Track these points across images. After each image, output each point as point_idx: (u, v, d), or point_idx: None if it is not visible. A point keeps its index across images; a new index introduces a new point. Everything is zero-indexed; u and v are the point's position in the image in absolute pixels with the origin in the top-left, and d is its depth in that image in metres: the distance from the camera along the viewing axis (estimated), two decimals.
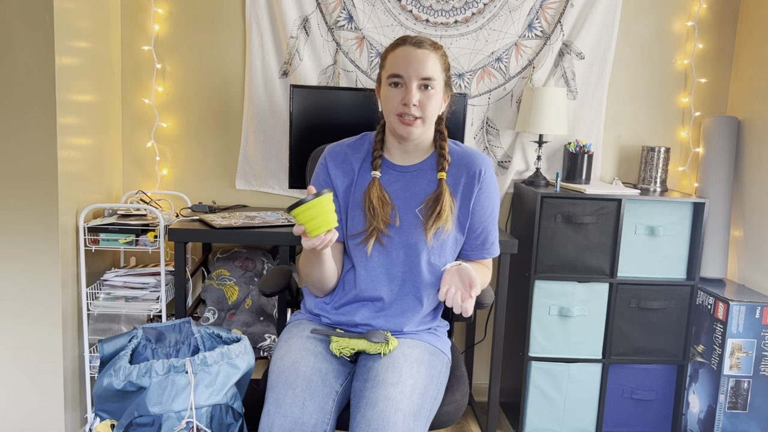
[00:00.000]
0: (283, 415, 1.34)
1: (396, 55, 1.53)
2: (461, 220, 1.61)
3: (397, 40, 1.57)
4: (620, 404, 2.50)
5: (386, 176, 1.62)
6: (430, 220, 1.56)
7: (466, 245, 1.64)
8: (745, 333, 2.32)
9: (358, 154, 1.64)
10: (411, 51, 1.52)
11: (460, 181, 1.61)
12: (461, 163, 1.62)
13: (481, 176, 1.60)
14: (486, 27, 2.58)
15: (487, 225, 1.63)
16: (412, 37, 1.55)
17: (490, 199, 1.62)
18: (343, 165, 1.63)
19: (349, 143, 1.66)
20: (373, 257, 1.58)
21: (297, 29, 2.52)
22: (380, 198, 1.57)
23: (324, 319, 1.63)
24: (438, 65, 1.54)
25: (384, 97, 1.56)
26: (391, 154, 1.63)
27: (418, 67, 1.50)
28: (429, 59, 1.52)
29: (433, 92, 1.53)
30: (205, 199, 2.65)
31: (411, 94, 1.51)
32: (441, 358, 1.58)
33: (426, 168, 1.62)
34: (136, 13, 2.52)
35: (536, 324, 2.42)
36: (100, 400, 1.58)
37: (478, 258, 1.66)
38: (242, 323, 2.42)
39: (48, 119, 2.04)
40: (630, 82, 2.69)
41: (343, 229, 1.62)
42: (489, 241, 1.65)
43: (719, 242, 2.56)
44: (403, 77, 1.51)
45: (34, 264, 2.10)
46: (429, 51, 1.53)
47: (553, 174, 2.70)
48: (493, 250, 1.67)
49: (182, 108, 2.59)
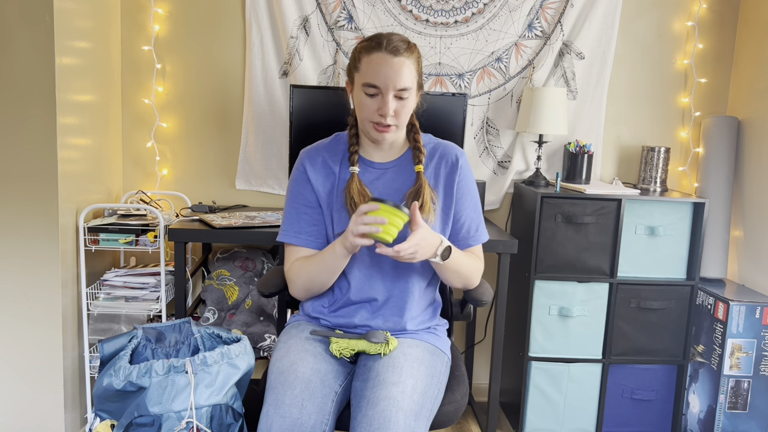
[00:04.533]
0: (282, 416, 1.34)
1: (372, 62, 1.50)
2: (446, 209, 1.62)
3: (373, 42, 1.52)
4: (620, 404, 2.50)
5: (367, 174, 1.61)
6: None
7: (451, 235, 1.64)
8: (745, 333, 2.32)
9: (335, 156, 1.63)
10: (388, 60, 1.49)
11: (440, 171, 1.62)
12: (436, 153, 1.63)
13: (459, 165, 1.62)
14: (486, 27, 2.58)
15: (470, 212, 1.64)
16: (387, 39, 1.50)
17: (468, 186, 1.63)
18: (323, 169, 1.62)
19: (325, 145, 1.66)
20: (362, 254, 1.58)
21: (297, 29, 2.52)
22: (360, 192, 1.57)
23: (323, 321, 1.63)
24: (413, 70, 1.52)
25: (358, 102, 1.54)
26: (367, 152, 1.64)
27: (396, 79, 1.49)
28: (405, 68, 1.49)
29: (408, 99, 1.52)
30: (205, 199, 2.65)
31: (387, 106, 1.50)
32: (441, 358, 1.58)
33: (404, 163, 1.63)
34: (136, 13, 2.52)
35: (536, 324, 2.42)
36: (100, 400, 1.58)
37: (464, 246, 1.65)
38: (242, 323, 2.42)
39: (48, 119, 2.04)
40: (630, 82, 2.69)
41: (330, 232, 1.62)
42: (473, 228, 1.64)
43: (719, 242, 2.56)
44: (380, 88, 1.50)
45: (34, 264, 2.10)
46: (405, 58, 1.50)
47: (553, 174, 2.70)
48: (480, 236, 1.66)
49: (182, 108, 2.59)
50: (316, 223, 1.62)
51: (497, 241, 2.20)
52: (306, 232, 1.61)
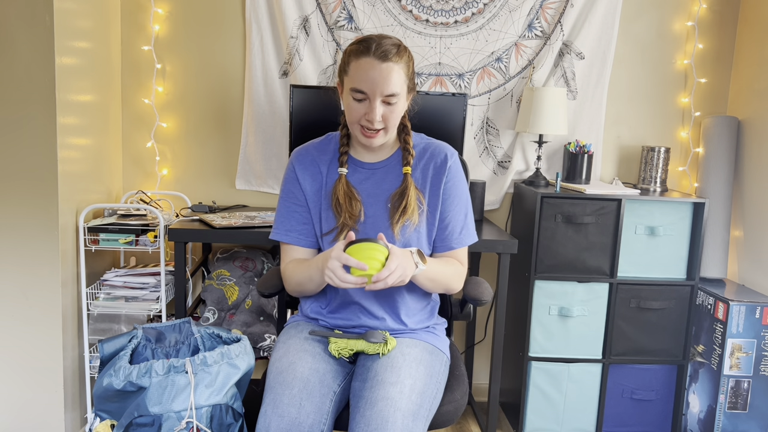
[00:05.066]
0: (280, 416, 1.34)
1: (359, 67, 1.48)
2: (433, 210, 1.61)
3: (361, 46, 1.50)
4: (620, 404, 2.50)
5: (356, 174, 1.62)
6: (396, 215, 1.56)
7: (435, 236, 1.63)
8: (745, 333, 2.32)
9: (324, 156, 1.64)
10: (375, 65, 1.47)
11: (429, 171, 1.61)
12: (426, 153, 1.63)
13: (447, 165, 1.61)
14: (486, 27, 2.58)
15: (455, 214, 1.62)
16: (377, 44, 1.48)
17: (455, 188, 1.62)
18: (311, 168, 1.63)
19: (315, 145, 1.66)
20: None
21: (297, 29, 2.52)
22: (346, 194, 1.57)
23: (321, 321, 1.63)
24: (402, 75, 1.51)
25: (347, 105, 1.54)
26: (358, 152, 1.64)
27: (383, 85, 1.47)
28: (393, 73, 1.48)
29: (396, 104, 1.52)
30: (205, 199, 2.65)
31: (374, 111, 1.49)
32: (440, 357, 1.58)
33: (394, 164, 1.62)
34: (136, 13, 2.52)
35: (536, 324, 2.42)
36: (100, 400, 1.58)
37: (445, 248, 1.63)
38: (242, 323, 2.42)
39: (48, 119, 2.04)
40: (630, 82, 2.69)
41: (318, 232, 1.62)
42: (457, 230, 1.62)
43: (719, 242, 2.56)
44: (367, 93, 1.49)
45: (34, 264, 2.10)
46: (393, 63, 1.48)
47: (553, 174, 2.70)
48: (463, 239, 1.63)
49: (182, 108, 2.59)
50: (306, 222, 1.62)
51: (497, 241, 2.20)
52: (297, 230, 1.62)
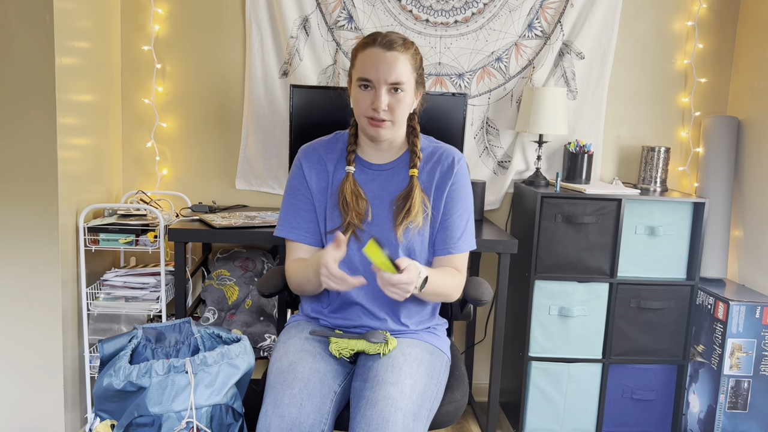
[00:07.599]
0: (281, 415, 1.34)
1: (365, 57, 1.51)
2: (436, 213, 1.61)
3: (367, 39, 1.53)
4: (620, 404, 2.50)
5: (363, 175, 1.61)
6: (400, 216, 1.56)
7: (434, 239, 1.62)
8: (745, 333, 2.32)
9: (332, 154, 1.64)
10: (380, 54, 1.49)
11: (434, 176, 1.61)
12: (434, 156, 1.62)
13: (454, 171, 1.60)
14: (486, 27, 2.58)
15: (456, 219, 1.61)
16: (382, 36, 1.52)
17: (460, 192, 1.61)
18: (318, 166, 1.63)
19: (323, 143, 1.66)
20: (351, 253, 1.57)
21: (297, 29, 2.52)
22: (354, 192, 1.57)
23: (322, 321, 1.63)
24: (408, 66, 1.52)
25: (354, 98, 1.55)
26: (365, 153, 1.63)
27: (387, 72, 1.49)
28: (398, 62, 1.50)
29: (402, 95, 1.52)
30: (205, 199, 2.65)
31: (380, 99, 1.50)
32: (440, 358, 1.58)
33: (401, 165, 1.62)
34: (136, 13, 2.52)
35: (536, 324, 2.42)
36: (100, 400, 1.58)
37: (443, 252, 1.61)
38: (242, 323, 2.42)
39: (48, 119, 2.04)
40: (630, 82, 2.69)
41: (322, 230, 1.62)
42: (456, 235, 1.61)
43: (719, 242, 2.56)
44: (372, 81, 1.50)
45: (34, 264, 2.10)
46: (399, 53, 1.50)
47: (553, 174, 2.70)
48: (461, 246, 1.61)
49: (182, 108, 2.59)
50: (312, 220, 1.62)
51: (497, 241, 2.20)
52: (303, 228, 1.62)
